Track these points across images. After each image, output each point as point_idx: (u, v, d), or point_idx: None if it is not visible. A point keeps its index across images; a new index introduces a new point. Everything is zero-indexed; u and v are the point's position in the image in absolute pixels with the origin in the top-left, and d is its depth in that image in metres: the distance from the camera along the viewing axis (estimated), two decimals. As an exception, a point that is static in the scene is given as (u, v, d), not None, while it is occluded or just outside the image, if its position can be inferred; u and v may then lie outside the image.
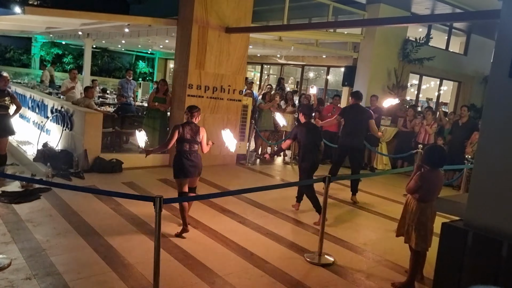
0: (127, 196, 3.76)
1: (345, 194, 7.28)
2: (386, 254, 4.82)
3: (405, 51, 11.27)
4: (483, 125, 2.24)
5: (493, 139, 2.18)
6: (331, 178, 4.47)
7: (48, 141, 8.16)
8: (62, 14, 7.47)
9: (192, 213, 5.49)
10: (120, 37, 11.89)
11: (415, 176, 3.88)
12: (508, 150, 2.11)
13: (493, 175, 2.17)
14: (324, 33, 10.84)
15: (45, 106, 9.09)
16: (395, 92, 11.18)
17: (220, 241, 4.75)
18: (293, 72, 16.74)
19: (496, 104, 2.18)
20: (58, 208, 5.33)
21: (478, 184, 2.24)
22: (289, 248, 4.75)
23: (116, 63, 21.64)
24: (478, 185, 2.24)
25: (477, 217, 2.21)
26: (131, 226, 4.98)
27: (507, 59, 2.11)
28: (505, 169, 2.12)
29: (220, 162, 8.50)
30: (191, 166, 4.89)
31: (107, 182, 6.71)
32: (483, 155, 2.23)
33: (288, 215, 5.94)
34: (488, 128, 2.22)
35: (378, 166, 10.06)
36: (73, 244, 4.35)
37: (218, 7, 7.93)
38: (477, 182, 2.24)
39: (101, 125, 7.51)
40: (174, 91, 8.34)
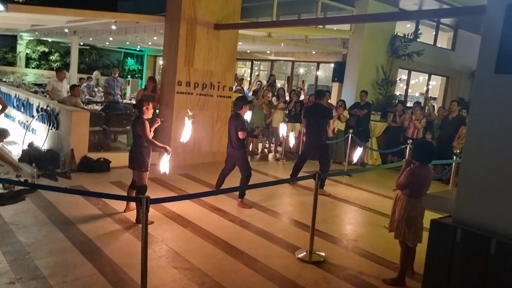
0: (113, 197, 3.69)
1: (336, 189, 7.27)
2: (377, 250, 4.81)
3: (394, 46, 11.28)
4: (470, 120, 2.22)
5: (480, 134, 2.16)
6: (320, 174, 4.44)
7: (33, 141, 8.02)
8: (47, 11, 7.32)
9: (181, 212, 5.44)
10: (108, 34, 11.76)
11: (405, 172, 3.87)
12: (495, 145, 2.09)
13: (481, 171, 2.15)
14: (314, 29, 10.80)
15: (30, 105, 8.94)
16: (384, 87, 11.20)
17: (210, 240, 4.69)
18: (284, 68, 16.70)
19: (482, 99, 2.16)
20: (43, 209, 5.22)
21: (466, 180, 2.22)
22: (280, 246, 4.71)
23: (104, 60, 21.41)
24: (466, 181, 2.22)
25: (465, 213, 2.19)
26: (118, 226, 4.90)
27: (493, 55, 2.09)
28: (492, 165, 2.10)
29: (210, 159, 8.44)
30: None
31: (94, 182, 6.61)
32: (470, 150, 2.21)
33: (279, 212, 5.90)
34: (475, 124, 2.20)
35: (369, 161, 10.08)
36: (58, 246, 4.26)
37: (206, 4, 7.85)
38: (465, 178, 2.22)
39: (88, 124, 7.40)
40: (163, 88, 8.24)
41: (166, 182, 6.89)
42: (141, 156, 5.04)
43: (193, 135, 8.12)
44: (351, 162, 9.51)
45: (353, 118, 9.55)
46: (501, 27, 2.08)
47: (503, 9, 2.07)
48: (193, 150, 8.15)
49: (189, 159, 8.15)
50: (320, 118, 6.99)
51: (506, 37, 2.06)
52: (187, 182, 7.09)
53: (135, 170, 5.12)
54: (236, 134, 5.88)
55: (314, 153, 7.18)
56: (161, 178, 7.09)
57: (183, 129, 5.44)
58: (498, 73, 2.08)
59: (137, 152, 5.06)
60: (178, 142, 7.96)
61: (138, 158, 5.05)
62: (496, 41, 2.09)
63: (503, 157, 2.06)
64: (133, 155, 5.08)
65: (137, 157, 5.06)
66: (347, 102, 10.00)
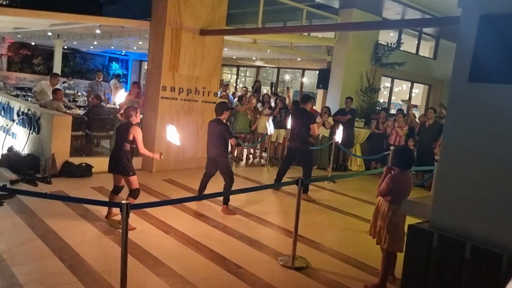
0: (93, 203, 3.65)
1: (319, 195, 7.31)
2: (359, 255, 4.84)
3: (377, 55, 11.44)
4: (446, 127, 2.26)
5: (456, 141, 2.21)
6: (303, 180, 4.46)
7: (13, 145, 7.89)
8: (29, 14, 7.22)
9: (164, 218, 5.39)
10: (92, 38, 11.65)
11: (386, 179, 3.91)
12: (469, 152, 2.14)
13: (456, 177, 2.19)
14: (299, 36, 10.89)
15: (11, 108, 8.80)
16: (368, 94, 11.33)
17: (193, 247, 4.66)
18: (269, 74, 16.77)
19: (457, 107, 2.21)
20: (22, 215, 5.12)
21: (442, 186, 2.26)
22: (263, 252, 4.71)
23: (88, 64, 21.19)
24: (442, 187, 2.26)
25: (441, 218, 2.23)
26: (99, 232, 4.83)
27: (467, 64, 2.15)
28: (467, 171, 2.14)
29: (195, 165, 8.39)
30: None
31: (75, 187, 6.52)
32: (446, 157, 2.26)
33: (262, 218, 5.88)
34: (450, 131, 2.25)
35: (353, 167, 10.17)
36: (36, 253, 4.18)
37: (192, 9, 7.85)
38: (440, 184, 2.27)
39: (70, 129, 7.31)
40: (147, 93, 8.20)
41: (149, 187, 6.83)
42: (126, 161, 5.01)
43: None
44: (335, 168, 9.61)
45: (337, 125, 9.62)
46: (474, 37, 2.13)
47: (476, 20, 2.13)
48: (177, 155, 8.10)
49: (173, 164, 8.11)
50: (303, 123, 7.01)
51: (479, 47, 2.12)
52: (170, 187, 7.04)
53: (123, 175, 5.06)
54: (217, 140, 5.87)
55: (298, 156, 7.20)
56: (144, 183, 7.03)
57: (169, 135, 5.37)
58: (472, 81, 2.13)
59: (122, 157, 5.00)
60: (162, 147, 7.92)
61: (124, 163, 5.00)
62: (470, 50, 2.15)
63: (477, 163, 2.11)
64: (117, 160, 5.02)
65: (122, 162, 5.00)
66: (332, 109, 10.08)
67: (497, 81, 2.06)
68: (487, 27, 2.10)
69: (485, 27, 2.11)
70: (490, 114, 2.08)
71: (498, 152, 2.04)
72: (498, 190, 2.03)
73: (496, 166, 2.05)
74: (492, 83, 2.07)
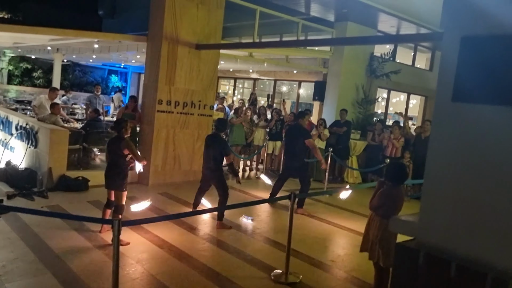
0: (84, 219, 3.66)
1: (315, 209, 7.31)
2: (354, 270, 4.84)
3: (372, 67, 11.54)
4: (430, 146, 2.29)
5: (439, 160, 2.24)
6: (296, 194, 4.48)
7: (11, 159, 7.91)
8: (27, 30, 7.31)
9: (158, 233, 5.40)
10: (91, 52, 11.75)
11: (378, 193, 3.94)
12: (453, 172, 2.16)
13: (440, 196, 2.21)
14: (295, 49, 10.99)
15: (9, 122, 8.84)
16: (364, 106, 11.40)
17: (186, 261, 4.66)
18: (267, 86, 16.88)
19: (441, 126, 2.24)
20: (17, 230, 5.13)
21: (427, 204, 2.28)
22: (256, 267, 4.71)
23: (88, 77, 21.32)
24: (427, 205, 2.28)
25: (428, 237, 2.24)
26: (93, 247, 4.83)
27: (450, 84, 2.18)
28: (451, 190, 2.16)
29: (191, 178, 8.41)
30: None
31: (72, 201, 6.53)
32: (430, 175, 2.28)
33: (257, 232, 5.90)
34: (434, 150, 2.27)
35: (349, 179, 10.18)
36: (31, 268, 4.19)
37: (188, 24, 7.94)
38: (426, 202, 2.28)
39: (67, 142, 7.34)
40: (144, 106, 8.25)
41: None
42: (123, 176, 5.04)
43: (174, 154, 8.17)
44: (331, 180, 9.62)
45: (333, 137, 9.67)
46: (456, 58, 2.17)
47: (458, 41, 2.17)
48: (173, 168, 8.13)
49: (170, 177, 8.13)
50: (298, 139, 7.04)
51: (461, 67, 2.15)
52: (166, 201, 7.05)
53: (117, 190, 5.08)
54: (215, 155, 5.90)
55: (293, 173, 7.22)
56: (140, 197, 7.04)
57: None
58: (454, 101, 2.17)
59: (118, 172, 5.03)
60: (158, 160, 7.98)
61: (120, 179, 5.02)
62: (452, 70, 2.18)
63: (460, 182, 2.13)
64: (113, 175, 5.05)
65: (118, 177, 5.03)
66: (328, 120, 10.14)
67: (479, 101, 2.09)
68: (468, 48, 2.14)
69: (466, 48, 2.15)
70: (473, 134, 2.11)
71: (481, 172, 2.07)
72: (481, 209, 2.05)
73: (478, 185, 2.07)
74: (474, 103, 2.11)
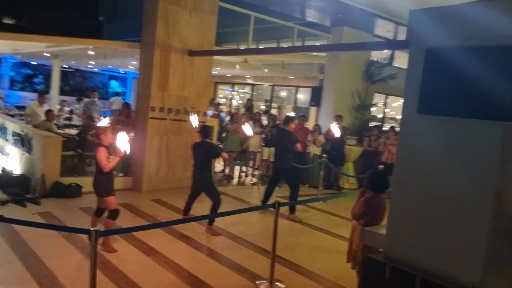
0: (58, 229, 3.66)
1: (307, 215, 7.29)
2: (341, 279, 4.79)
3: (369, 72, 11.52)
4: (397, 157, 2.29)
5: (405, 172, 2.23)
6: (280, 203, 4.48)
7: (5, 166, 7.95)
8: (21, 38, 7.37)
9: (147, 240, 5.39)
10: (88, 58, 11.81)
11: (358, 202, 3.92)
12: (417, 184, 2.16)
13: (405, 209, 2.20)
14: (291, 55, 11.00)
15: (5, 129, 8.90)
16: (360, 112, 11.38)
17: (172, 270, 4.65)
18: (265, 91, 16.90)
19: (407, 138, 2.24)
20: (6, 237, 5.14)
21: (393, 218, 2.27)
22: (242, 275, 4.69)
23: (88, 82, 21.45)
24: (393, 218, 2.27)
25: (394, 250, 2.23)
26: (80, 255, 4.84)
27: (415, 96, 2.18)
28: (415, 204, 2.16)
29: (185, 184, 8.37)
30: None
31: (63, 208, 6.55)
32: (396, 188, 2.27)
33: (246, 239, 5.87)
34: (401, 161, 2.27)
35: (345, 185, 10.14)
36: (15, 276, 4.20)
37: (180, 31, 7.97)
38: (392, 215, 2.28)
39: (60, 149, 7.37)
40: (137, 113, 8.28)
41: (137, 208, 6.86)
42: (100, 182, 5.03)
43: (167, 160, 8.18)
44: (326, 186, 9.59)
45: (328, 143, 9.65)
46: (421, 70, 2.17)
47: (423, 53, 2.17)
48: (166, 175, 8.14)
49: (163, 184, 8.14)
50: (284, 143, 7.15)
51: (426, 79, 2.15)
52: (158, 208, 7.05)
53: (101, 196, 5.09)
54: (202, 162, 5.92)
55: (283, 176, 7.30)
56: (132, 203, 7.07)
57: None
58: (420, 113, 2.16)
59: (97, 177, 5.06)
60: (151, 167, 7.99)
61: (98, 183, 5.04)
62: (417, 83, 2.18)
63: (424, 195, 2.12)
64: (93, 181, 5.09)
65: (97, 182, 5.05)
66: (324, 126, 10.12)
67: (443, 113, 2.09)
68: (432, 60, 2.14)
69: (431, 60, 2.15)
70: (437, 146, 2.10)
71: (444, 185, 2.06)
72: (445, 223, 2.04)
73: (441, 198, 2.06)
74: (438, 116, 2.10)
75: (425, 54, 2.16)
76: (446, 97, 2.08)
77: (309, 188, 9.50)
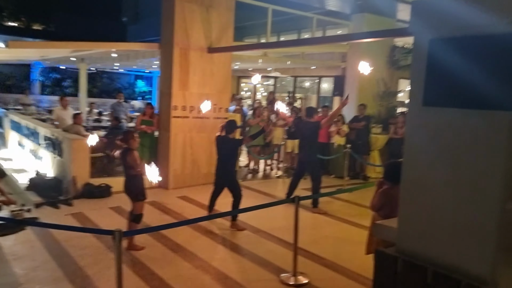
0: (81, 230, 3.81)
1: (333, 207, 7.27)
2: (366, 270, 4.75)
3: (393, 58, 11.27)
4: (405, 150, 2.27)
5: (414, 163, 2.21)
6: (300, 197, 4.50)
7: (39, 169, 8.30)
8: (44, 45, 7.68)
9: (173, 237, 5.54)
10: (112, 60, 12.11)
11: (377, 193, 3.89)
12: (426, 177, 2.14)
13: (416, 201, 2.19)
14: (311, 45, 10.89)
15: (38, 133, 9.27)
16: (385, 99, 11.17)
17: (197, 265, 4.77)
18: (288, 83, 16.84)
19: (414, 131, 2.22)
20: (41, 238, 5.39)
21: (405, 208, 2.26)
22: (266, 269, 4.76)
23: (115, 83, 21.97)
24: (404, 211, 2.26)
25: (406, 243, 2.22)
26: (111, 254, 5.00)
27: (421, 88, 2.15)
28: (425, 196, 2.14)
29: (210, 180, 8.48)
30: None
31: (94, 208, 6.79)
32: (406, 181, 2.26)
33: (270, 233, 5.92)
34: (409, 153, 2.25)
35: (372, 175, 10.02)
36: (50, 276, 4.40)
37: (198, 28, 8.04)
38: (403, 206, 2.27)
39: (89, 151, 7.62)
40: (160, 113, 8.44)
41: (164, 205, 7.04)
42: (134, 186, 5.14)
43: (192, 157, 8.32)
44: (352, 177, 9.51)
45: (353, 132, 9.55)
46: (425, 62, 2.13)
47: (426, 45, 2.13)
48: (192, 172, 8.29)
49: (189, 180, 8.29)
50: (308, 134, 7.10)
51: (431, 71, 2.12)
52: (184, 205, 7.21)
53: (131, 200, 5.22)
54: (225, 157, 6.00)
55: (307, 168, 7.28)
56: (160, 201, 7.25)
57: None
58: (425, 105, 2.13)
59: (130, 182, 5.17)
60: (177, 165, 8.15)
61: (133, 188, 5.15)
62: (422, 74, 2.15)
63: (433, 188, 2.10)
64: (127, 186, 5.19)
65: (130, 187, 5.17)
66: (348, 116, 10.01)
67: (448, 105, 2.05)
68: (436, 51, 2.10)
69: (434, 51, 2.11)
70: (444, 138, 2.07)
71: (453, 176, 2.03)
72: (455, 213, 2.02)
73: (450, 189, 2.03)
74: (444, 107, 2.07)
75: (428, 46, 2.12)
76: (451, 88, 2.04)
77: (335, 179, 9.45)
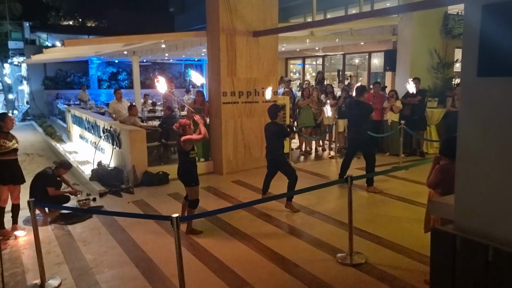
0: (142, 216, 3.99)
1: (389, 185, 7.12)
2: (422, 248, 4.65)
3: (447, 27, 10.63)
4: (460, 124, 2.16)
5: (470, 138, 2.11)
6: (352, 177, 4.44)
7: (101, 160, 8.80)
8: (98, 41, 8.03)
9: (229, 220, 5.69)
10: (162, 51, 12.45)
11: (434, 170, 3.76)
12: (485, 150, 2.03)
13: (474, 176, 2.09)
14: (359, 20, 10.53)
15: (97, 126, 9.81)
16: (441, 71, 10.61)
17: (255, 248, 4.87)
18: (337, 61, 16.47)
19: (469, 103, 2.10)
20: (106, 225, 5.76)
21: (461, 185, 2.16)
22: (323, 250, 4.77)
23: (167, 74, 22.56)
24: (461, 186, 2.17)
25: (464, 220, 2.13)
26: (171, 238, 5.21)
27: (474, 58, 2.02)
28: (484, 169, 2.04)
29: (262, 163, 8.58)
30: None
31: (154, 195, 7.11)
32: (462, 155, 2.16)
33: (325, 214, 5.92)
34: (464, 127, 2.15)
35: (429, 150, 9.65)
36: (117, 260, 4.71)
37: (242, 13, 8.04)
38: (460, 182, 2.17)
39: (145, 141, 7.95)
40: (210, 99, 8.60)
41: (219, 190, 7.22)
42: (188, 172, 5.34)
43: (243, 142, 8.44)
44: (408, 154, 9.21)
45: (407, 108, 9.20)
46: (479, 30, 2.00)
47: (479, 11, 2.00)
48: (244, 156, 8.42)
49: (242, 165, 8.43)
50: (359, 114, 7.04)
51: (484, 39, 1.99)
52: (238, 189, 7.35)
53: (185, 185, 5.43)
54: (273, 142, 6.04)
55: (359, 147, 7.24)
56: (215, 186, 7.45)
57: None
58: (480, 76, 2.01)
59: (183, 168, 5.37)
60: (229, 150, 8.31)
61: (185, 174, 5.36)
62: (476, 44, 2.01)
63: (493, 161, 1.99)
64: (181, 172, 5.39)
65: (184, 173, 5.37)
66: (401, 91, 9.64)
67: (505, 74, 1.93)
68: (490, 18, 1.96)
69: (488, 18, 1.97)
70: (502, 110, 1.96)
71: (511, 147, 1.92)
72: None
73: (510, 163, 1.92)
74: (500, 77, 1.94)
75: (481, 12, 1.99)
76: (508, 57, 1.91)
77: (390, 156, 9.21)
